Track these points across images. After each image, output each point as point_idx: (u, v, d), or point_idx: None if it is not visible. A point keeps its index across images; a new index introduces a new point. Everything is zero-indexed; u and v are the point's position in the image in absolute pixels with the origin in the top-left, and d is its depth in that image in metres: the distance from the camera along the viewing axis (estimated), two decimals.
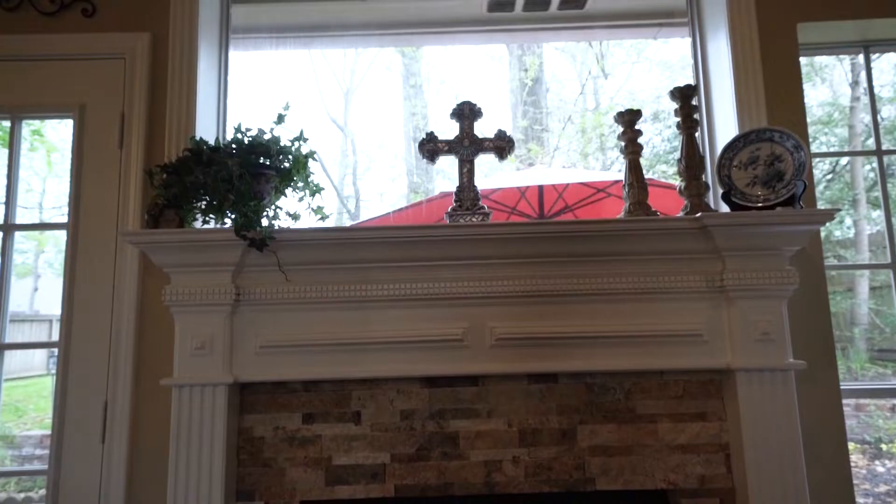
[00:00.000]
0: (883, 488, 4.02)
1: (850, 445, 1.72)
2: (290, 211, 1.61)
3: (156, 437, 1.69)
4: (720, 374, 1.65)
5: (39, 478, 1.63)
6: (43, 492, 1.69)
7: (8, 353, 1.81)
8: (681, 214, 1.65)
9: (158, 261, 1.58)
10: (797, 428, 1.54)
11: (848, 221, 5.95)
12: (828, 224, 1.60)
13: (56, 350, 1.72)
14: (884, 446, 4.30)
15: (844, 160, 5.89)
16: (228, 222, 1.57)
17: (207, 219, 1.59)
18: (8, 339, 1.84)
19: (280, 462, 1.64)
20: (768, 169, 1.59)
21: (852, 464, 1.69)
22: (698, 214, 1.54)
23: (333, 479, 1.63)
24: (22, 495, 4.97)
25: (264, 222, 1.55)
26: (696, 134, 1.71)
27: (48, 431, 1.70)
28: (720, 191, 1.64)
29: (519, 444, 1.65)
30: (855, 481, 1.68)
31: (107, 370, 1.71)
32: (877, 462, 4.28)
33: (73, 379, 1.71)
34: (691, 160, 1.66)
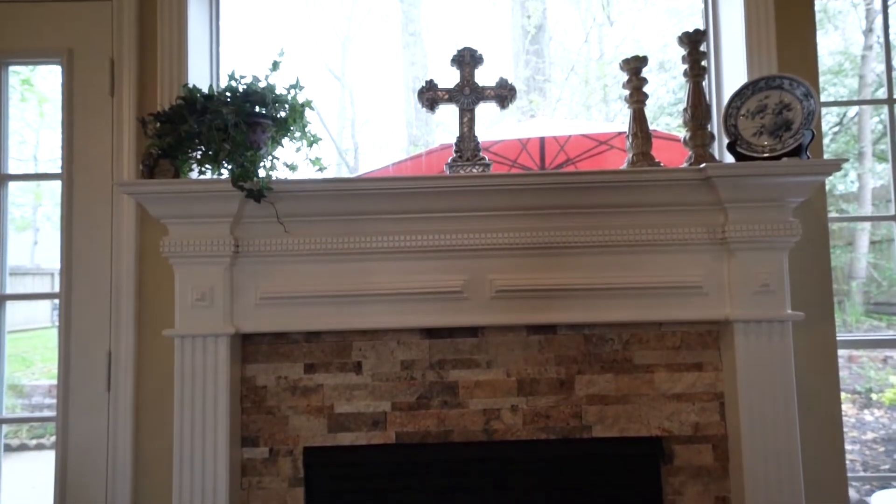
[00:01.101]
0: (870, 436, 4.14)
1: (841, 395, 1.74)
2: (288, 162, 1.59)
3: (160, 386, 1.72)
4: (718, 325, 1.66)
5: (49, 425, 1.67)
6: (54, 438, 1.73)
7: (12, 307, 1.82)
8: (685, 165, 1.62)
9: (155, 212, 1.56)
10: (792, 378, 1.57)
11: (852, 176, 5.89)
12: (831, 178, 1.57)
13: (57, 301, 1.73)
14: (874, 396, 4.40)
15: (852, 112, 5.77)
16: (225, 173, 1.54)
17: (203, 169, 1.56)
18: (9, 292, 1.84)
19: (283, 410, 1.67)
20: (776, 118, 1.55)
21: (842, 413, 1.72)
22: (702, 165, 1.51)
23: (336, 426, 1.67)
24: (34, 441, 5.13)
25: (261, 173, 1.53)
26: (704, 82, 1.66)
27: (55, 381, 1.73)
28: (725, 141, 1.61)
29: (517, 394, 1.68)
30: (843, 429, 1.72)
31: (109, 320, 1.72)
32: (865, 411, 4.40)
33: (76, 329, 1.73)
34: (697, 109, 1.62)
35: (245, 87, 1.54)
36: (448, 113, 1.73)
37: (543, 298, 1.62)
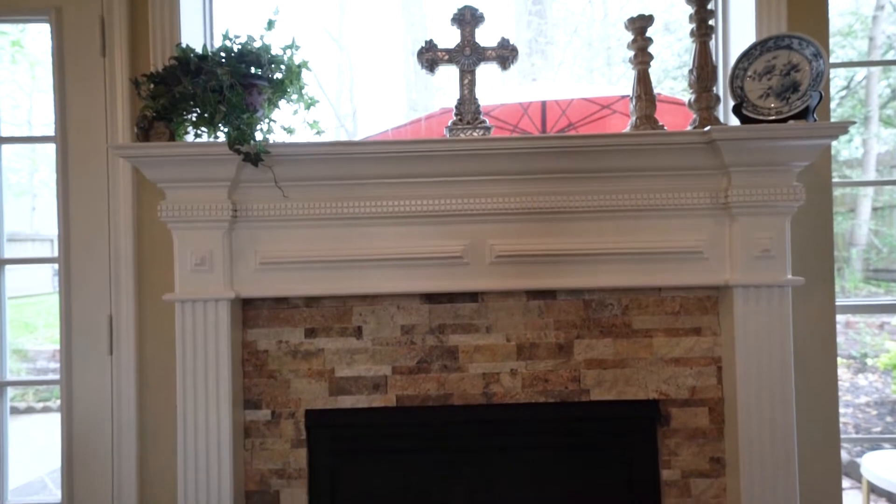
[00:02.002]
0: (863, 399, 4.21)
1: (837, 360, 1.76)
2: (285, 125, 1.56)
3: (162, 349, 1.73)
4: (718, 290, 1.67)
5: (55, 388, 1.68)
6: (60, 401, 1.75)
7: (13, 274, 1.81)
8: (689, 128, 1.60)
9: (151, 175, 1.55)
10: (789, 343, 1.58)
11: (857, 142, 5.82)
12: (836, 143, 1.55)
13: (56, 265, 1.73)
14: (868, 360, 4.46)
15: (860, 76, 5.67)
16: (221, 136, 1.52)
17: (199, 132, 1.54)
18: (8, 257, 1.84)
19: (285, 374, 1.69)
20: (783, 79, 1.51)
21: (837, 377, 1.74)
22: (707, 128, 1.49)
23: (337, 389, 1.69)
24: (41, 405, 5.22)
25: (258, 136, 1.50)
26: (711, 43, 1.62)
27: (59, 346, 1.74)
28: (731, 104, 1.58)
29: (517, 358, 1.69)
30: (839, 393, 1.74)
31: (108, 284, 1.73)
32: (860, 375, 4.46)
33: (76, 294, 1.73)
34: (703, 70, 1.58)
35: (240, 47, 1.50)
36: (448, 77, 1.70)
37: (544, 264, 1.62)
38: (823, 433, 1.72)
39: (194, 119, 1.51)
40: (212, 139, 1.53)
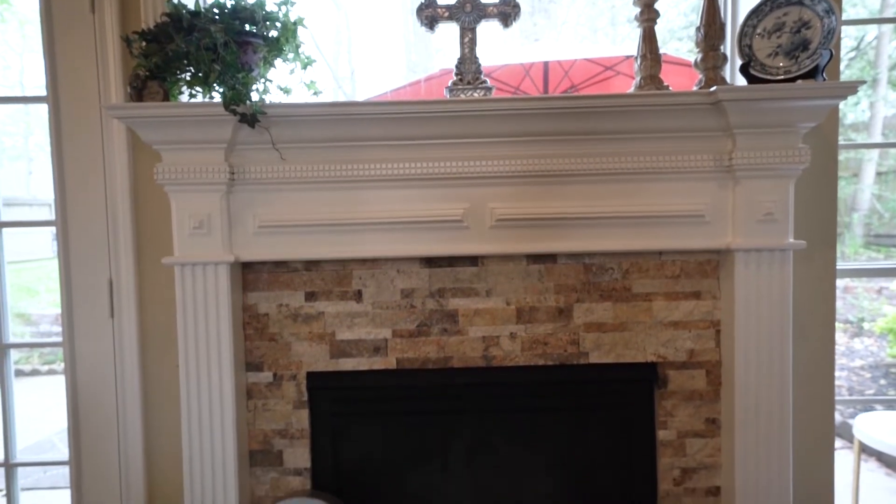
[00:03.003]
0: (858, 363, 4.27)
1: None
2: (282, 85, 1.52)
3: (163, 312, 1.74)
4: (719, 254, 1.66)
5: (60, 351, 1.70)
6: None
7: (13, 238, 1.80)
8: (695, 89, 1.56)
9: (146, 137, 1.52)
10: (789, 307, 1.58)
11: (864, 104, 5.73)
12: (842, 106, 1.52)
13: (54, 229, 1.72)
14: (865, 325, 4.50)
15: (871, 36, 5.53)
16: (217, 96, 1.48)
17: (194, 92, 1.50)
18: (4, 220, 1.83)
19: (286, 337, 1.70)
20: (793, 37, 1.47)
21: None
22: (713, 88, 1.45)
23: (337, 352, 1.70)
24: (46, 368, 5.30)
25: (254, 96, 1.47)
26: None
27: (61, 310, 1.75)
28: (738, 63, 1.54)
29: (516, 321, 1.70)
30: (835, 357, 1.76)
31: (107, 248, 1.72)
32: (856, 340, 4.51)
33: (75, 257, 1.72)
34: (711, 28, 1.54)
35: (233, 2, 1.45)
36: (448, 37, 1.65)
37: (544, 227, 1.61)
38: (818, 395, 1.74)
39: (188, 79, 1.47)
40: (207, 99, 1.49)
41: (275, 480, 1.72)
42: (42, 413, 3.90)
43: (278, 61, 1.53)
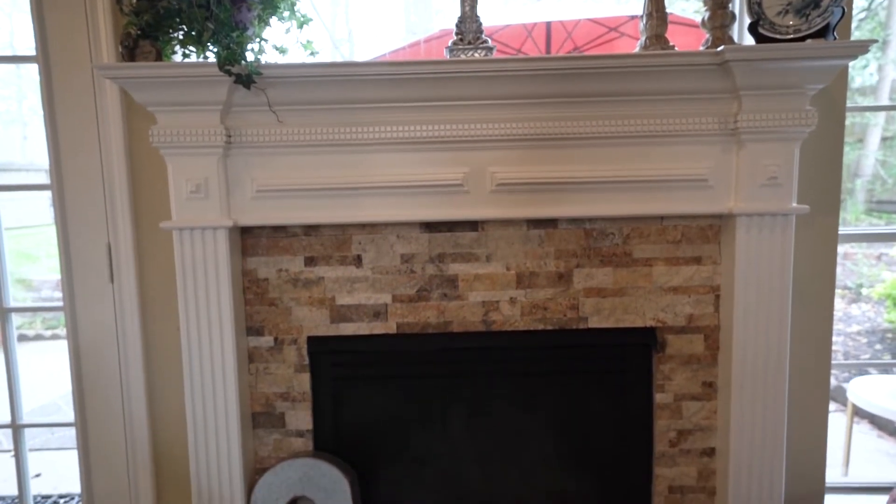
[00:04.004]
0: (854, 328, 4.30)
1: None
2: (277, 45, 1.48)
3: (163, 276, 1.74)
4: (721, 218, 1.65)
5: (62, 317, 1.71)
6: None
7: (11, 204, 1.79)
8: (701, 48, 1.52)
9: (139, 98, 1.49)
10: (789, 272, 1.58)
11: (872, 67, 5.61)
12: (850, 69, 1.48)
13: (50, 193, 1.70)
14: (864, 290, 4.52)
15: None
16: (211, 56, 1.44)
17: (187, 51, 1.46)
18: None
19: (286, 302, 1.70)
20: None
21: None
22: (720, 48, 1.42)
23: (338, 317, 1.71)
24: (49, 332, 5.35)
25: (249, 56, 1.43)
26: None
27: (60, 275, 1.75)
28: (747, 22, 1.50)
29: (516, 287, 1.70)
30: (833, 322, 1.76)
31: (104, 212, 1.70)
32: (853, 305, 4.54)
33: (72, 222, 1.71)
34: None
35: None
36: None
37: (545, 192, 1.59)
38: (815, 360, 1.75)
39: (181, 38, 1.43)
40: (200, 59, 1.46)
41: (277, 441, 1.75)
42: (47, 377, 3.96)
43: (273, 20, 1.49)
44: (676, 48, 1.54)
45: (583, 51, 3.30)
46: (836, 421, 2.63)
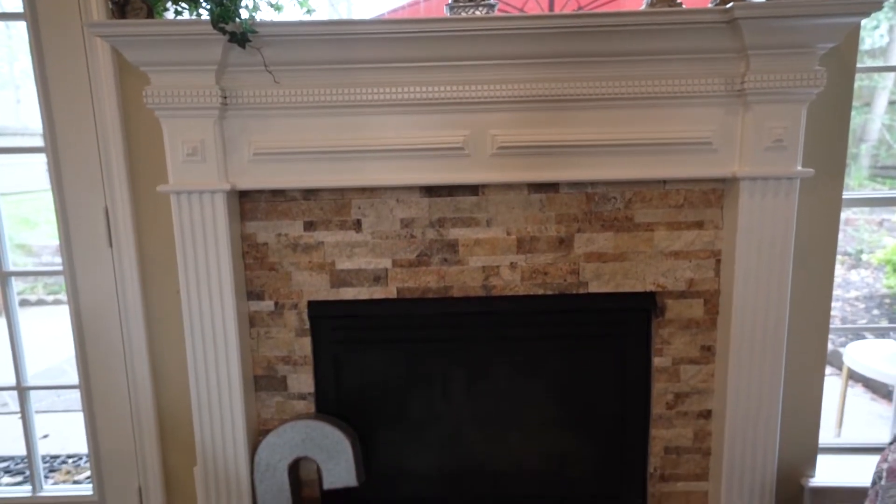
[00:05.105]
0: (853, 293, 4.32)
1: None
2: (272, 1, 1.44)
3: (162, 240, 1.72)
4: (724, 182, 1.63)
5: (64, 282, 1.70)
6: None
7: (8, 169, 1.76)
8: (710, 6, 1.47)
9: (132, 57, 1.45)
10: (791, 237, 1.57)
11: (883, 28, 5.47)
12: (860, 29, 1.44)
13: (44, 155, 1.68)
14: (864, 256, 4.51)
15: None
16: (204, 14, 1.40)
17: (180, 8, 1.42)
18: None
19: (285, 266, 1.70)
20: None
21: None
22: (729, 5, 1.37)
23: (338, 281, 1.71)
24: (51, 297, 5.38)
25: (244, 14, 1.39)
26: None
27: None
28: None
29: (517, 251, 1.69)
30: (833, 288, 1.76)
31: (101, 175, 1.68)
32: (853, 271, 4.54)
33: (68, 186, 1.69)
34: None
35: None
36: None
37: (547, 155, 1.57)
38: (813, 325, 1.75)
39: None
40: (193, 17, 1.41)
41: (280, 404, 1.78)
42: (51, 341, 3.99)
43: None
44: (684, 5, 1.49)
45: (587, 9, 3.21)
46: (831, 384, 2.66)
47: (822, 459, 1.83)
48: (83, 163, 1.67)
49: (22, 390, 1.89)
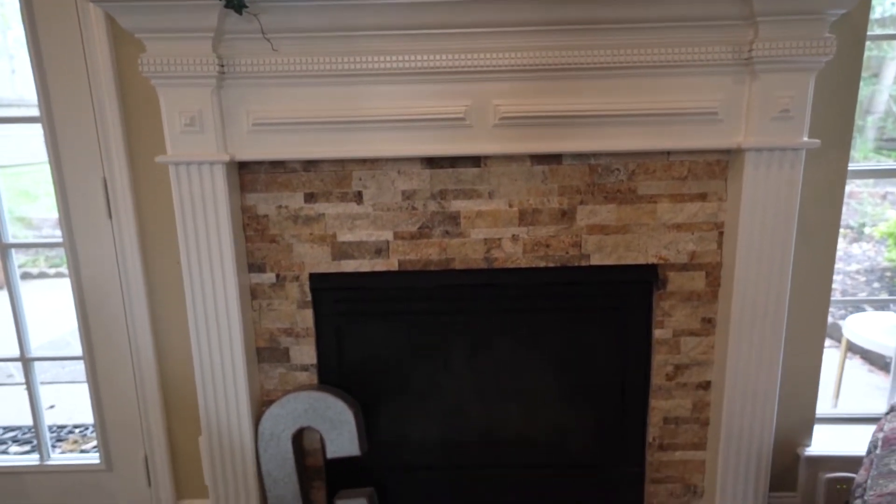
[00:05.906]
0: (854, 267, 4.32)
1: None
2: None
3: (162, 211, 1.71)
4: (729, 153, 1.61)
5: (65, 254, 1.70)
6: None
7: (7, 141, 1.74)
8: None
9: (125, 23, 1.42)
10: (795, 209, 1.56)
11: None
12: None
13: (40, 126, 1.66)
14: (866, 230, 4.50)
15: None
16: None
17: None
18: None
19: (287, 238, 1.69)
20: None
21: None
22: None
23: (339, 254, 1.70)
24: (53, 270, 5.39)
25: None
26: None
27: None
28: None
29: (519, 224, 1.68)
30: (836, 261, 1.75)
31: (98, 146, 1.66)
32: (854, 245, 4.53)
33: (66, 157, 1.67)
34: None
35: None
36: None
37: (550, 126, 1.55)
38: (814, 297, 1.75)
39: None
40: None
41: (283, 375, 1.79)
42: (54, 314, 4.01)
43: None
44: None
45: None
46: (829, 356, 2.68)
47: (818, 429, 1.85)
48: (80, 133, 1.66)
49: (26, 361, 1.90)
